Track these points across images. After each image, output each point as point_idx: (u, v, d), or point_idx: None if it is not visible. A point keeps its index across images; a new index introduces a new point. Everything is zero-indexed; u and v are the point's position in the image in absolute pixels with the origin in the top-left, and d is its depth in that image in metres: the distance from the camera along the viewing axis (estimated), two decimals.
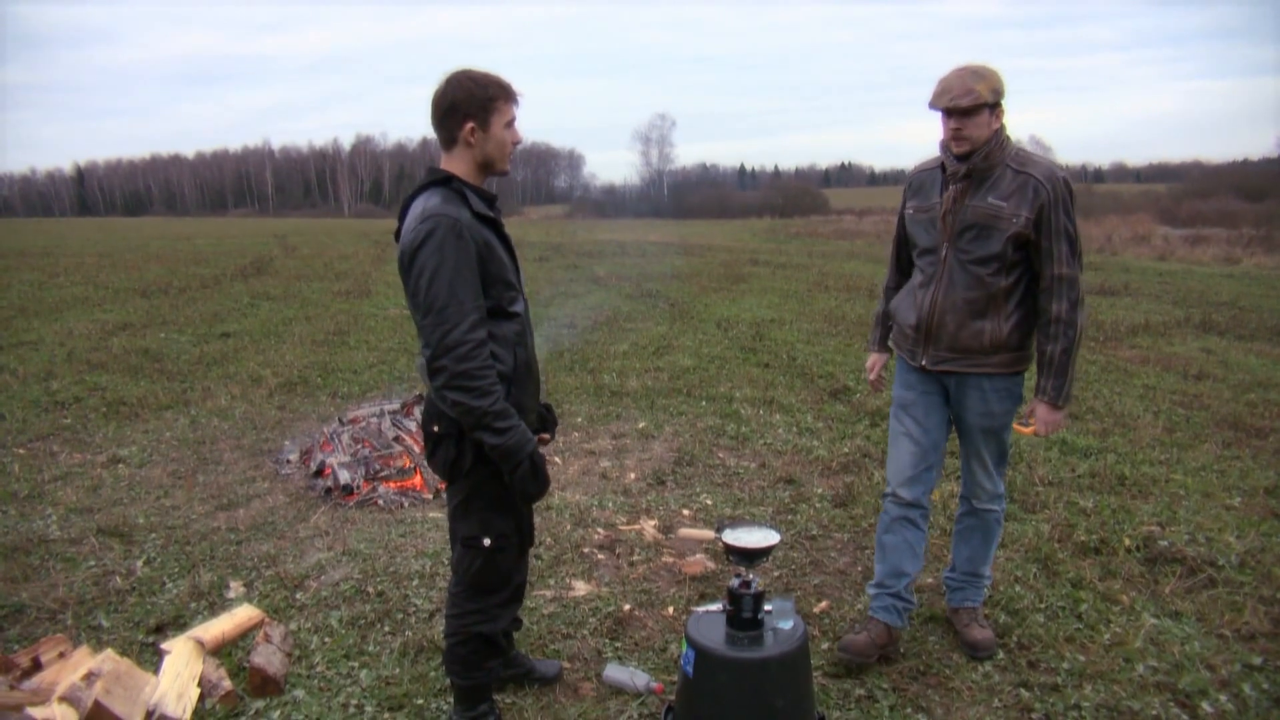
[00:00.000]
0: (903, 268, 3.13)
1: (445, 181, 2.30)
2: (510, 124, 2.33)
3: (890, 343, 3.19)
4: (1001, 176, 2.70)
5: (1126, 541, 3.90)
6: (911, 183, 2.97)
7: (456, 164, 2.33)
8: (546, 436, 2.75)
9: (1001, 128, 2.72)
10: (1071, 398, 2.81)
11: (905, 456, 3.01)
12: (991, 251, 2.72)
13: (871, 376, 3.25)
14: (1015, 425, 2.96)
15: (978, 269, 2.76)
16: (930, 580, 3.60)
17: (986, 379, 2.87)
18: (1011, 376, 2.89)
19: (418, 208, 2.26)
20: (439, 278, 2.17)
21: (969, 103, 2.61)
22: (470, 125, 2.27)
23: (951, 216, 2.77)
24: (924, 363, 2.92)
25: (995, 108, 2.66)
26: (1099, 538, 3.95)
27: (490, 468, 2.33)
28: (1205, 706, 2.73)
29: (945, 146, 2.78)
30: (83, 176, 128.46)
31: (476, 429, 2.24)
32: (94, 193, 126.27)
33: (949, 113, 2.66)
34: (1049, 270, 2.71)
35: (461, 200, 2.26)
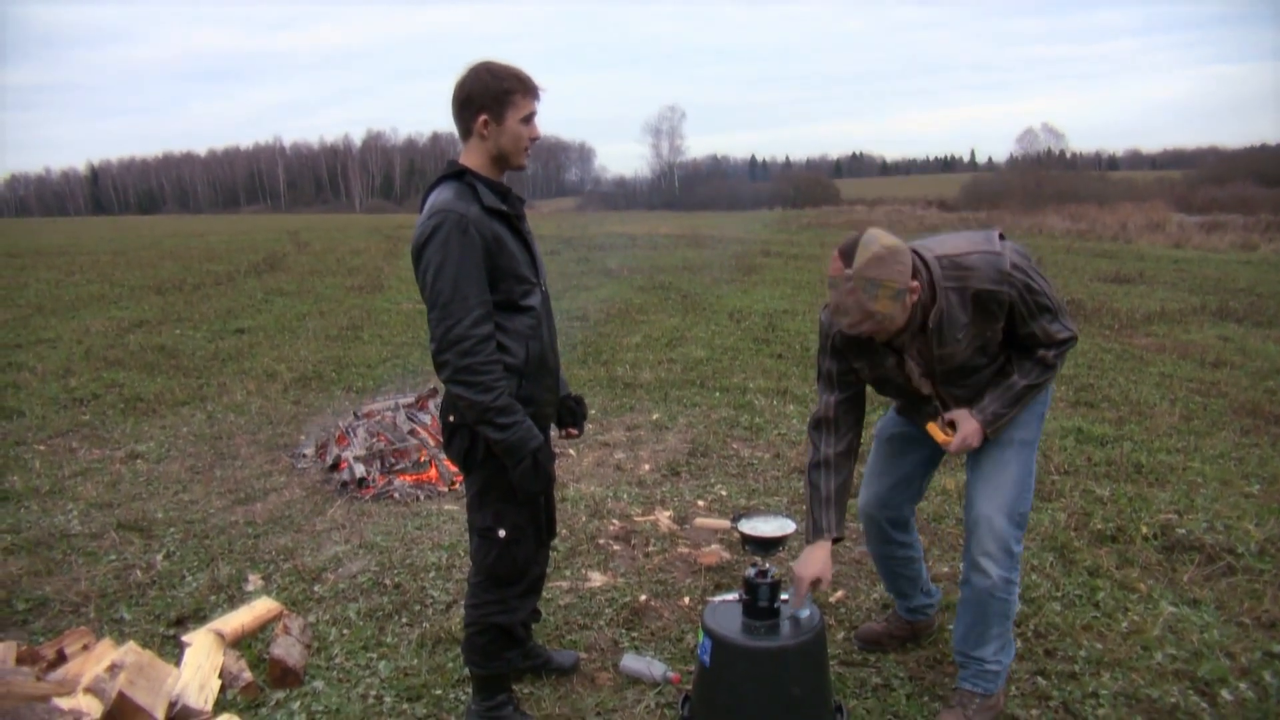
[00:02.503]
0: (849, 432, 2.58)
1: (458, 175, 2.30)
2: (528, 119, 2.31)
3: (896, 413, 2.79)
4: (950, 304, 2.28)
5: (1144, 529, 3.88)
6: (839, 339, 2.48)
7: (471, 156, 2.33)
8: (575, 431, 2.74)
9: (923, 273, 2.26)
10: (998, 431, 2.45)
11: (869, 492, 2.79)
12: (980, 367, 2.42)
13: (801, 590, 2.38)
14: (931, 424, 2.50)
15: (972, 380, 2.44)
16: (946, 569, 3.60)
17: None
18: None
19: (429, 202, 2.28)
20: (444, 273, 2.18)
21: (873, 327, 2.24)
22: (484, 118, 2.27)
23: (928, 379, 2.44)
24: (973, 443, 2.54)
25: (907, 295, 2.19)
26: (1116, 526, 3.93)
27: None
28: (1225, 694, 2.72)
29: None
30: (96, 175, 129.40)
31: (480, 423, 2.25)
32: (108, 191, 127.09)
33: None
34: (1035, 346, 2.39)
35: (472, 194, 2.26)
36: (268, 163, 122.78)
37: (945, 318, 2.29)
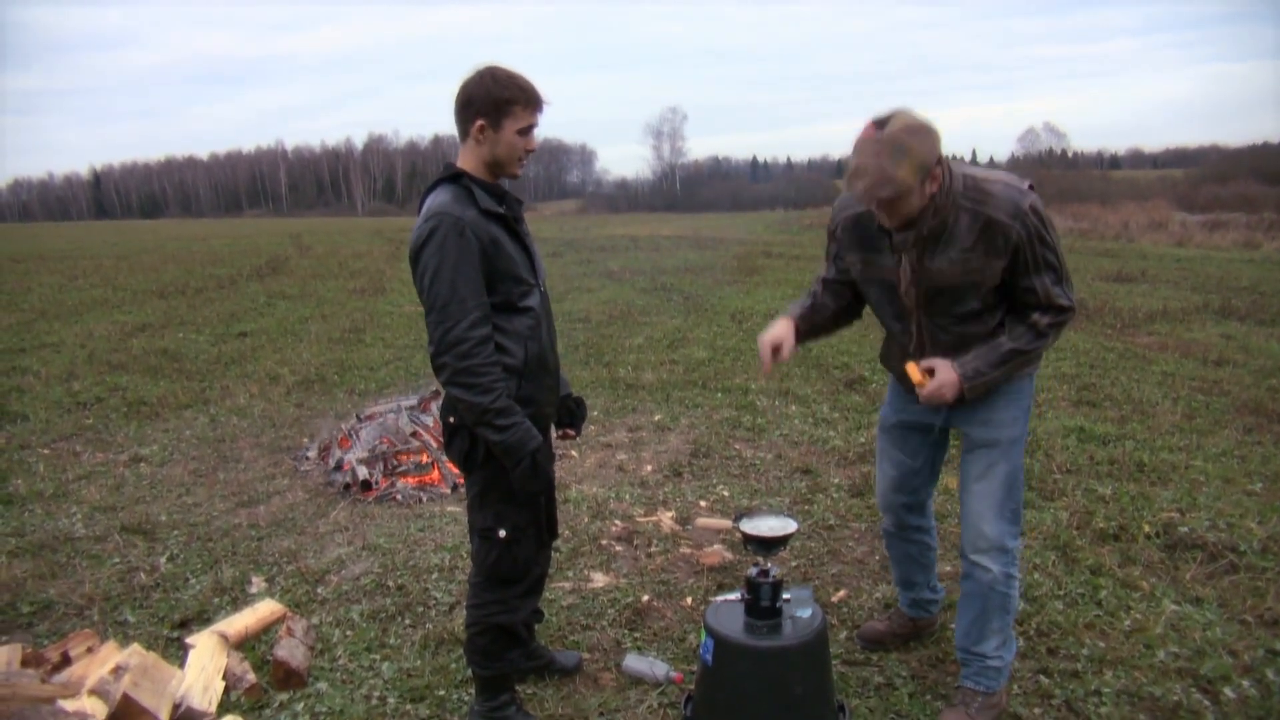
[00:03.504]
0: (844, 299, 2.71)
1: (455, 178, 2.31)
2: (525, 131, 2.30)
3: (881, 362, 2.79)
4: (958, 222, 2.25)
5: (1146, 528, 3.88)
6: (844, 230, 2.50)
7: (467, 159, 2.34)
8: (572, 433, 2.76)
9: (945, 172, 2.24)
10: (974, 394, 2.37)
11: (883, 480, 2.83)
12: (969, 310, 2.37)
13: (765, 354, 2.58)
14: (910, 364, 2.42)
15: (959, 327, 2.41)
16: (949, 569, 3.60)
17: None
18: (1020, 379, 2.49)
19: (426, 205, 2.29)
20: (440, 276, 2.19)
21: (889, 194, 2.14)
22: (481, 123, 2.27)
23: (914, 288, 2.38)
24: (936, 421, 2.62)
25: (928, 175, 2.16)
26: (1118, 524, 3.93)
27: None
28: (1228, 692, 2.72)
29: None
30: (99, 180, 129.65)
31: (478, 425, 2.26)
32: (110, 196, 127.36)
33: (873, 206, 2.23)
34: (1032, 303, 2.34)
35: (469, 197, 2.26)
36: (270, 166, 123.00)
37: (948, 232, 2.27)
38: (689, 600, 3.43)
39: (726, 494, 4.59)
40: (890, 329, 2.59)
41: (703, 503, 4.48)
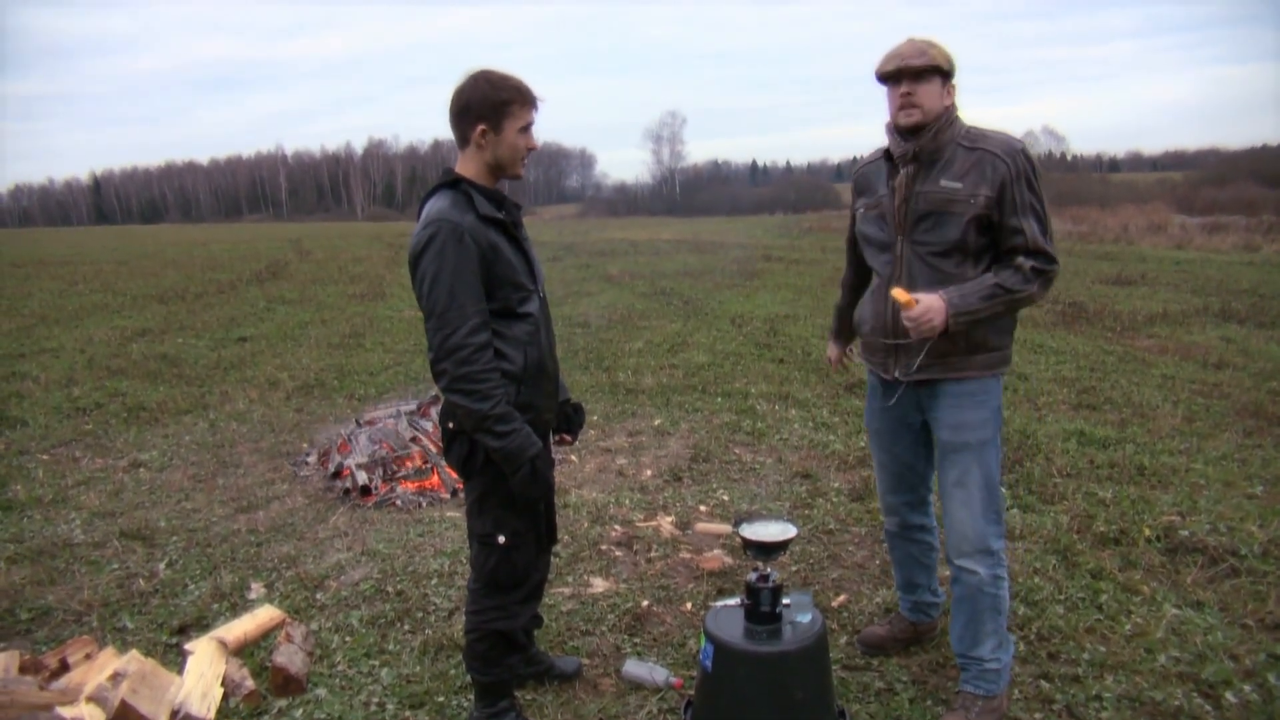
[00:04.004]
0: (859, 266, 2.86)
1: (454, 184, 2.31)
2: (525, 129, 2.32)
3: (860, 357, 2.89)
4: (953, 156, 2.42)
5: (1146, 532, 3.87)
6: (857, 179, 2.70)
7: (468, 165, 2.34)
8: (569, 438, 2.76)
9: (953, 105, 2.47)
10: (960, 325, 2.38)
11: (881, 483, 2.89)
12: (950, 240, 2.42)
13: (832, 356, 3.10)
14: (896, 289, 2.42)
15: (938, 261, 2.46)
16: (946, 572, 3.58)
17: (955, 383, 2.52)
18: (987, 380, 2.52)
19: (425, 211, 2.29)
20: (439, 282, 2.19)
21: (922, 63, 2.36)
22: (482, 127, 2.27)
23: (904, 206, 2.48)
24: (897, 374, 2.58)
25: (947, 80, 2.43)
26: (1118, 528, 3.93)
27: None
28: (1229, 697, 2.71)
29: (891, 127, 2.51)
30: (99, 185, 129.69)
31: (478, 431, 2.26)
32: (111, 201, 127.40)
33: (899, 78, 2.41)
34: (1019, 246, 2.39)
35: (468, 203, 2.26)
36: (270, 171, 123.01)
37: (944, 162, 2.43)
38: (689, 605, 3.43)
39: (726, 499, 4.59)
40: (876, 266, 2.64)
41: (702, 507, 4.47)
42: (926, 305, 2.34)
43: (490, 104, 2.26)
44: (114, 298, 13.86)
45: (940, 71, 2.40)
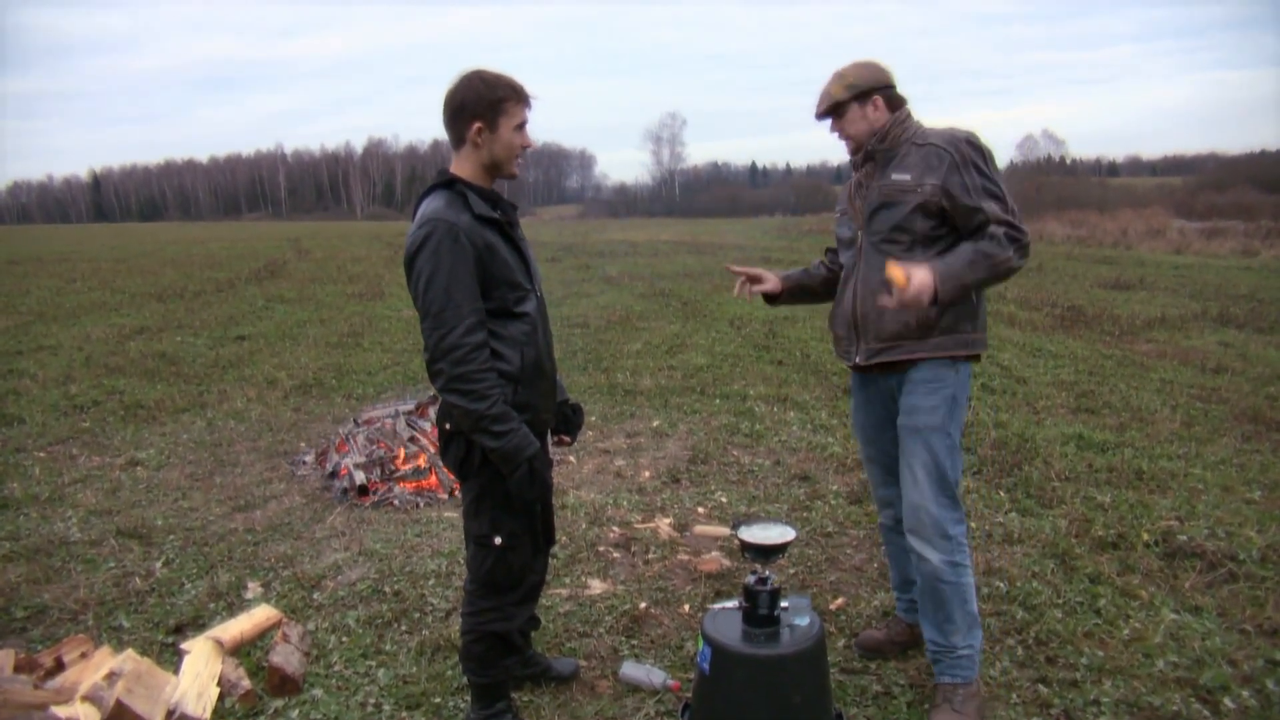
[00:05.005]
0: (835, 265, 2.93)
1: (449, 184, 2.31)
2: (520, 127, 2.33)
3: (835, 352, 2.90)
4: (906, 154, 2.56)
5: (1145, 536, 3.87)
6: (842, 193, 2.86)
7: (463, 165, 2.34)
8: (567, 439, 2.75)
9: (901, 113, 2.60)
10: (949, 292, 2.41)
11: (871, 477, 2.94)
12: (898, 224, 2.54)
13: (744, 275, 2.89)
14: (890, 263, 2.45)
15: (889, 246, 2.57)
16: None
17: (913, 368, 2.59)
18: (942, 364, 2.57)
19: (420, 211, 2.28)
20: (435, 282, 2.18)
21: (827, 106, 2.60)
22: (477, 126, 2.27)
23: (860, 201, 2.66)
24: (858, 360, 2.68)
25: (867, 99, 2.57)
26: (1117, 532, 3.93)
27: None
28: (1227, 702, 2.71)
29: None
30: (99, 183, 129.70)
31: (474, 431, 2.26)
32: (110, 199, 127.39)
33: (826, 119, 2.65)
34: (983, 223, 2.45)
35: (463, 203, 2.26)
36: (269, 170, 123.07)
37: (897, 160, 2.57)
38: (686, 608, 3.42)
39: (725, 500, 4.58)
40: (844, 261, 2.79)
41: (701, 509, 4.47)
42: (917, 286, 2.38)
43: (485, 102, 2.26)
44: (112, 296, 13.84)
45: (853, 98, 2.57)
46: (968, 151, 2.48)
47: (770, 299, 2.96)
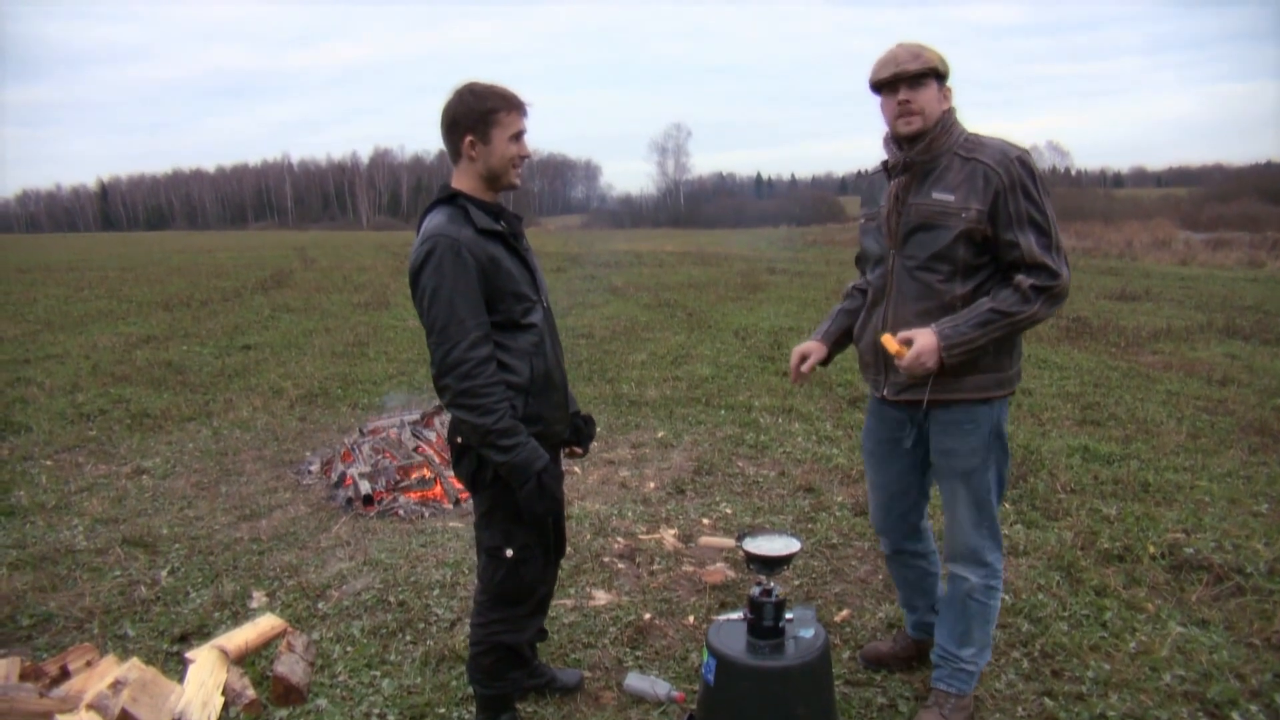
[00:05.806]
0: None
1: (450, 199, 2.31)
2: (516, 137, 2.31)
3: (854, 343, 2.81)
4: (949, 167, 2.36)
5: (1151, 549, 3.85)
6: (864, 190, 2.68)
7: (463, 178, 2.34)
8: (579, 450, 2.73)
9: (951, 111, 2.42)
10: (955, 359, 2.34)
11: (874, 506, 2.84)
12: (939, 252, 2.37)
13: (793, 364, 2.79)
14: (885, 335, 2.40)
15: (926, 275, 2.40)
16: None
17: (943, 409, 2.47)
18: (978, 406, 2.46)
19: (423, 228, 2.29)
20: (439, 298, 2.19)
21: (918, 67, 2.32)
22: (470, 139, 2.27)
23: (895, 218, 2.44)
24: (885, 392, 2.57)
25: (943, 83, 2.40)
26: (1123, 545, 3.91)
27: None
28: (1235, 716, 2.69)
29: (889, 138, 2.48)
30: (106, 192, 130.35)
31: (482, 446, 2.26)
32: (117, 208, 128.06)
33: (895, 84, 2.36)
34: (1016, 261, 2.34)
35: (464, 217, 2.26)
36: (276, 179, 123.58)
37: (938, 173, 2.38)
38: (691, 619, 3.41)
39: (729, 512, 4.58)
40: (872, 280, 2.60)
41: (705, 520, 4.46)
42: (917, 349, 2.31)
43: (475, 115, 2.26)
44: (119, 304, 13.90)
45: (936, 74, 2.37)
46: (1019, 174, 2.30)
47: (824, 363, 2.84)
